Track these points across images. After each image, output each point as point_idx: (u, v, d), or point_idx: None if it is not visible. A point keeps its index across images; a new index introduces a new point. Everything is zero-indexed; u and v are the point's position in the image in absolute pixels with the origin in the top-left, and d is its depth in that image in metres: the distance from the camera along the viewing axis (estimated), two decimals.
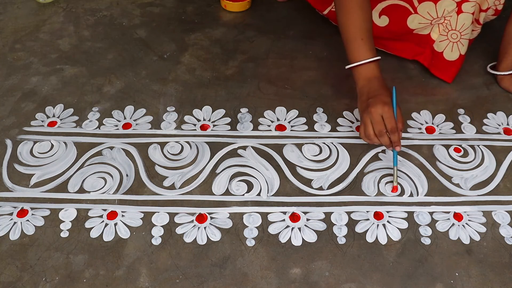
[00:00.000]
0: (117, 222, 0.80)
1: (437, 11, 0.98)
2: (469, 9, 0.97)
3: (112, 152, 0.90)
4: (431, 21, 1.00)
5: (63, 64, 1.10)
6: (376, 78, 0.85)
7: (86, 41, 1.17)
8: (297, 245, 0.78)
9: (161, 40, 1.17)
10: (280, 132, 0.95)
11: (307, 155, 0.90)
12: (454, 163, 0.90)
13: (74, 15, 1.26)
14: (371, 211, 0.82)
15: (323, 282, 0.73)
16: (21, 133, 0.94)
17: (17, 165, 0.88)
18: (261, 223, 0.80)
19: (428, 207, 0.83)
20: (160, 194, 0.84)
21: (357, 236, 0.79)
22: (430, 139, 0.94)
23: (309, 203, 0.83)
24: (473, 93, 1.04)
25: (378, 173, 0.88)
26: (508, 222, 0.81)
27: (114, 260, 0.75)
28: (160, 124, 0.96)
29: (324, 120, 0.97)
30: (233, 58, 1.12)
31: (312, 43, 1.17)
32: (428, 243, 0.78)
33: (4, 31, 1.20)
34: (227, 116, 0.98)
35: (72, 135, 0.94)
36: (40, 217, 0.80)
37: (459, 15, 0.98)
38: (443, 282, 0.73)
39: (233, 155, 0.90)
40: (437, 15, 0.99)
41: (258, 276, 0.74)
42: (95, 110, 0.99)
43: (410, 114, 0.99)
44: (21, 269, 0.74)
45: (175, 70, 1.09)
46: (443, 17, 0.99)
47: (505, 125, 0.98)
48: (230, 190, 0.85)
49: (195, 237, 0.78)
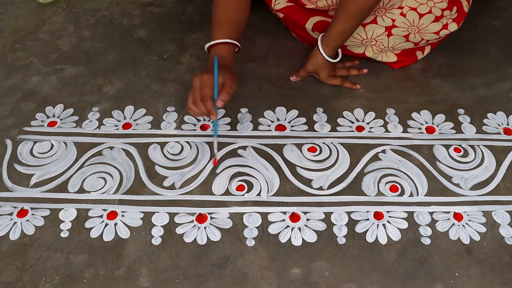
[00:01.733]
0: (117, 222, 0.80)
1: (366, 33, 1.00)
2: (400, 33, 0.98)
3: (112, 152, 0.91)
4: (362, 41, 1.02)
5: (63, 64, 1.10)
6: (222, 57, 0.88)
7: (86, 41, 1.17)
8: (297, 245, 0.78)
9: (161, 40, 1.17)
10: (280, 132, 0.95)
11: (307, 154, 0.91)
12: (454, 163, 0.90)
13: (74, 15, 1.26)
14: (371, 211, 0.82)
15: (323, 282, 0.73)
16: (21, 133, 0.94)
17: (17, 165, 0.88)
18: (261, 223, 0.80)
19: (428, 207, 0.83)
20: (160, 194, 0.84)
21: (357, 236, 0.79)
22: (430, 139, 0.94)
23: (309, 203, 0.83)
24: (473, 93, 1.04)
25: (378, 173, 0.88)
26: (508, 222, 0.81)
27: (114, 260, 0.75)
28: (160, 124, 0.96)
29: (324, 120, 0.97)
30: None
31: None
32: (428, 243, 0.78)
33: (4, 31, 1.20)
34: (227, 116, 0.98)
35: (72, 135, 0.94)
36: (40, 217, 0.80)
37: (389, 37, 1.00)
38: (443, 282, 0.73)
39: (233, 155, 0.90)
40: (367, 37, 1.00)
41: (258, 276, 0.74)
42: (95, 110, 0.99)
43: (410, 114, 0.99)
44: (21, 269, 0.74)
45: (175, 70, 1.09)
46: (374, 39, 1.01)
47: (505, 125, 0.98)
48: (230, 190, 0.85)
49: (195, 237, 0.78)
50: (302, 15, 1.04)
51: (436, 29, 0.98)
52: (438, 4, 0.93)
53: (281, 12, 1.07)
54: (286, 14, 1.06)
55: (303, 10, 1.03)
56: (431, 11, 0.94)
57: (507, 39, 1.19)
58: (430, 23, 0.96)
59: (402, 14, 0.94)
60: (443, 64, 1.11)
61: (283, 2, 1.05)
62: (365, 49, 1.05)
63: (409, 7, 0.93)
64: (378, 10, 0.95)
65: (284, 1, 1.05)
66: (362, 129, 0.96)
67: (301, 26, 1.06)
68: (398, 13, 0.94)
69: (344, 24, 0.92)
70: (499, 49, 1.16)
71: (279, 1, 1.05)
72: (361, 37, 1.01)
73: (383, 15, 0.95)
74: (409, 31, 0.98)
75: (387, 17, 0.96)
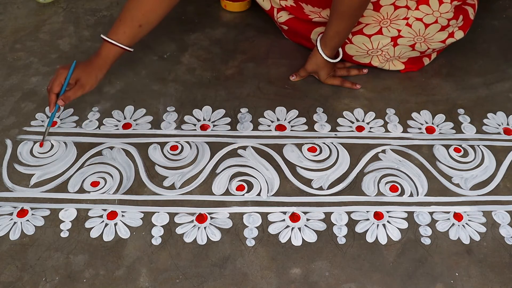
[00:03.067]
0: (117, 222, 0.80)
1: (372, 44, 0.99)
2: (405, 42, 0.98)
3: (112, 152, 0.90)
4: (367, 51, 1.01)
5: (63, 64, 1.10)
6: (99, 55, 0.91)
7: (86, 41, 1.17)
8: (297, 245, 0.78)
9: (161, 40, 1.17)
10: (280, 132, 0.95)
11: (307, 154, 0.91)
12: (454, 163, 0.90)
13: (74, 15, 1.26)
14: (371, 211, 0.82)
15: (323, 282, 0.73)
16: (21, 133, 0.94)
17: (17, 165, 0.88)
18: (261, 223, 0.80)
19: (428, 207, 0.83)
20: (160, 194, 0.84)
21: (357, 236, 0.79)
22: (430, 139, 0.94)
23: (309, 203, 0.83)
24: (473, 93, 1.04)
25: (378, 173, 0.88)
26: (508, 222, 0.81)
27: (114, 260, 0.75)
28: (160, 124, 0.96)
29: (324, 120, 0.97)
30: (233, 58, 1.12)
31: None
32: (428, 243, 0.78)
33: (4, 31, 1.20)
34: (227, 116, 0.98)
35: (72, 135, 0.94)
36: (40, 217, 0.80)
37: (395, 47, 0.99)
38: (443, 282, 0.73)
39: (233, 155, 0.90)
40: (372, 47, 1.00)
41: (258, 276, 0.74)
42: (95, 110, 0.99)
43: (410, 114, 0.99)
44: (21, 269, 0.74)
45: (175, 70, 1.09)
46: (380, 49, 1.00)
47: (505, 125, 0.98)
48: (230, 190, 0.85)
49: (195, 237, 0.78)
50: (306, 26, 1.04)
51: (442, 38, 0.98)
52: (444, 15, 0.93)
53: (285, 25, 1.07)
54: (290, 26, 1.07)
55: (307, 21, 1.03)
56: (437, 21, 0.93)
57: (507, 39, 1.19)
58: (436, 33, 0.96)
59: (408, 24, 0.94)
60: (443, 64, 1.11)
61: (285, 15, 1.05)
62: (371, 59, 1.04)
63: (414, 17, 0.93)
64: (383, 21, 0.94)
65: (286, 14, 1.05)
66: (362, 129, 0.96)
67: (307, 37, 1.07)
68: (404, 23, 0.94)
69: (337, 24, 0.92)
70: (499, 49, 1.16)
71: (281, 14, 1.06)
72: (367, 47, 1.00)
73: (389, 26, 0.95)
74: (415, 41, 0.97)
75: (393, 28, 0.95)
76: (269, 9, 1.07)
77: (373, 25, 0.96)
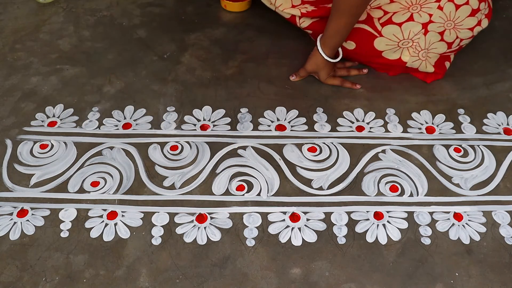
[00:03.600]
0: (117, 222, 0.80)
1: (403, 33, 0.98)
2: (436, 29, 0.97)
3: (112, 152, 0.91)
4: (398, 43, 1.00)
5: (63, 64, 1.10)
6: None
7: (86, 41, 1.17)
8: (297, 245, 0.78)
9: (161, 40, 1.17)
10: (280, 132, 0.95)
11: (307, 154, 0.91)
12: (454, 163, 0.90)
13: (74, 15, 1.26)
14: (371, 211, 0.82)
15: (323, 282, 0.73)
16: (21, 133, 0.94)
17: (17, 165, 0.88)
18: (261, 223, 0.80)
19: (428, 207, 0.83)
20: (160, 194, 0.84)
21: (357, 236, 0.79)
22: (430, 139, 0.94)
23: (309, 203, 0.83)
24: (473, 93, 1.04)
25: (378, 173, 0.88)
26: (508, 222, 0.81)
27: (114, 260, 0.75)
28: (160, 124, 0.96)
29: (324, 120, 0.97)
30: (233, 58, 1.12)
31: (312, 43, 1.16)
32: (428, 243, 0.78)
33: (4, 31, 1.20)
34: (227, 116, 0.98)
35: (72, 135, 0.94)
36: (40, 217, 0.80)
37: (426, 35, 0.98)
38: (443, 282, 0.73)
39: (233, 155, 0.90)
40: (403, 37, 0.98)
41: (258, 276, 0.74)
42: (95, 110, 0.99)
43: (410, 114, 0.99)
44: (21, 269, 0.74)
45: (175, 70, 1.09)
46: (411, 40, 0.99)
47: (505, 125, 0.98)
48: (230, 190, 0.85)
49: (195, 237, 0.78)
50: None
51: (471, 25, 0.96)
52: None
53: (309, 29, 1.07)
54: (314, 30, 1.06)
55: None
56: (468, 3, 0.92)
57: (507, 39, 1.19)
58: (466, 17, 0.94)
59: (440, 7, 0.93)
60: None
61: (307, 20, 1.05)
62: (401, 53, 1.02)
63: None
64: (413, 7, 0.93)
65: (308, 18, 1.05)
66: (362, 129, 0.96)
67: None
68: (436, 6, 0.93)
69: (337, 22, 0.92)
70: (499, 49, 1.16)
71: (303, 20, 1.05)
72: (398, 38, 0.98)
73: (420, 11, 0.94)
74: (445, 27, 0.96)
75: (424, 12, 0.94)
76: (290, 17, 1.07)
77: (402, 12, 0.94)
